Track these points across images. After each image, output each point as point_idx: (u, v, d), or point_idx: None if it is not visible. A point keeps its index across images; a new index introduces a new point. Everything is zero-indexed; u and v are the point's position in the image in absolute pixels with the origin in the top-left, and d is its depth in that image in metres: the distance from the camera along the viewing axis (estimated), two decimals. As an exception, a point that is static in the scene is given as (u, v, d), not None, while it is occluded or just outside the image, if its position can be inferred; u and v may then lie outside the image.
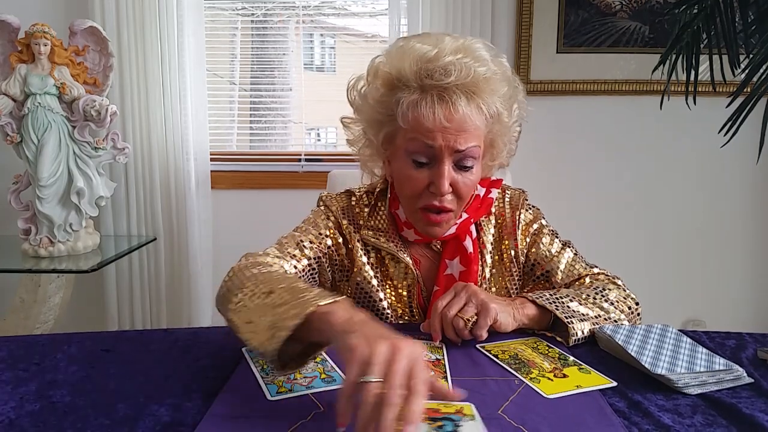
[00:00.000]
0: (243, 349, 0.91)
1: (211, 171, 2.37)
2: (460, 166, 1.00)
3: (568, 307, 0.98)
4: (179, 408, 0.74)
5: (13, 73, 1.90)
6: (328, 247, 1.11)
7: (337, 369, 0.84)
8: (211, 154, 2.37)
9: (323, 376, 0.82)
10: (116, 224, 2.29)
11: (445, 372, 0.84)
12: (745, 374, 0.82)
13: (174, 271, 2.34)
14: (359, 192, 1.17)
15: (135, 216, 2.28)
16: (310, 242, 1.09)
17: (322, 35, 2.60)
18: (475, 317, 0.91)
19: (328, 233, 1.11)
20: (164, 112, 2.24)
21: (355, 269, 1.11)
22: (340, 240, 1.12)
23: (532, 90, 2.30)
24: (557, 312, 0.95)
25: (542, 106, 2.33)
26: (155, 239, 2.28)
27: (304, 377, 0.81)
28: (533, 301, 0.98)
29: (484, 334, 0.91)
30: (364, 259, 1.11)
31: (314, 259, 1.08)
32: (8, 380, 0.83)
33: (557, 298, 0.99)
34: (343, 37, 2.57)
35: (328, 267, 1.11)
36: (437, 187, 0.98)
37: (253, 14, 2.47)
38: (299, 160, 2.45)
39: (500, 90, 1.00)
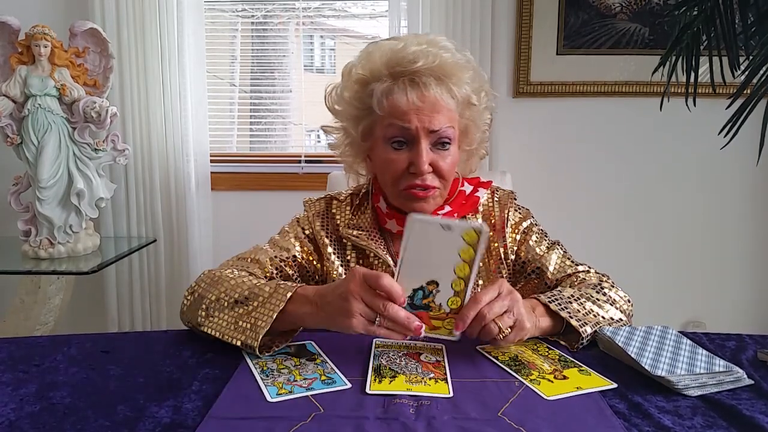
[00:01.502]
0: (243, 351, 0.91)
1: (211, 172, 2.37)
2: (438, 146, 1.04)
3: (586, 313, 0.97)
4: (179, 409, 0.74)
5: (14, 74, 1.90)
6: (296, 259, 1.13)
7: (337, 371, 0.84)
8: (211, 156, 2.37)
9: (323, 377, 0.82)
10: (116, 226, 2.29)
11: (445, 373, 0.84)
12: (745, 376, 0.82)
13: (174, 273, 2.34)
14: (343, 195, 1.20)
15: (135, 217, 2.28)
16: (271, 261, 1.11)
17: (322, 37, 2.60)
18: (508, 331, 0.87)
19: (297, 245, 1.14)
20: (164, 114, 2.24)
21: (331, 273, 1.13)
22: (311, 248, 1.15)
23: (532, 91, 2.30)
24: (577, 324, 0.93)
25: (542, 107, 2.33)
26: (155, 241, 2.28)
27: (304, 379, 0.82)
28: (548, 311, 0.96)
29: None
30: (336, 260, 1.14)
31: (275, 272, 1.11)
32: (8, 382, 0.83)
33: (568, 303, 0.97)
34: (343, 39, 2.57)
35: (297, 278, 1.14)
36: (417, 166, 1.02)
37: (253, 16, 2.47)
38: (299, 161, 2.45)
39: (466, 75, 1.05)
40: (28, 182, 1.98)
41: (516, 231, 1.16)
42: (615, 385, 0.80)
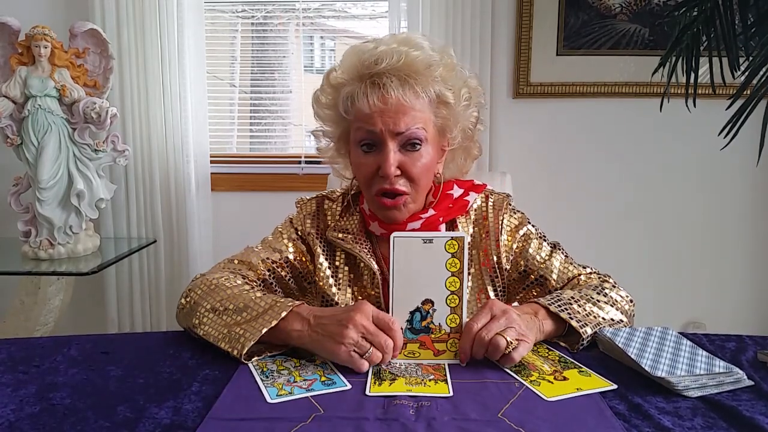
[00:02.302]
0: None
1: (211, 173, 2.37)
2: (407, 148, 1.02)
3: (586, 314, 0.97)
4: (179, 410, 0.74)
5: (14, 75, 1.90)
6: (288, 261, 1.13)
7: (337, 372, 0.84)
8: (211, 157, 2.37)
9: (323, 378, 0.82)
10: (116, 226, 2.28)
11: (445, 375, 0.84)
12: (745, 377, 0.82)
13: (174, 274, 2.34)
14: (335, 194, 1.20)
15: (135, 218, 2.28)
16: (263, 262, 1.11)
17: (322, 38, 2.60)
18: (516, 343, 0.85)
19: (290, 246, 1.14)
20: (164, 114, 2.24)
21: (318, 274, 1.13)
22: (304, 248, 1.15)
23: (532, 92, 2.30)
24: (578, 325, 0.93)
25: (542, 108, 2.33)
26: (155, 241, 2.28)
27: (304, 380, 0.82)
28: (549, 313, 0.95)
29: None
30: (324, 262, 1.13)
31: (268, 274, 1.11)
32: (8, 382, 0.83)
33: (569, 305, 0.97)
34: (344, 40, 2.57)
35: (290, 279, 1.14)
36: (383, 169, 1.01)
37: (253, 17, 2.47)
38: (299, 162, 2.45)
39: (435, 72, 1.03)
40: (28, 183, 1.98)
41: (512, 239, 1.13)
42: (615, 386, 0.80)
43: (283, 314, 0.89)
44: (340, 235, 1.12)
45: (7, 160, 2.08)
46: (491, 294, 1.12)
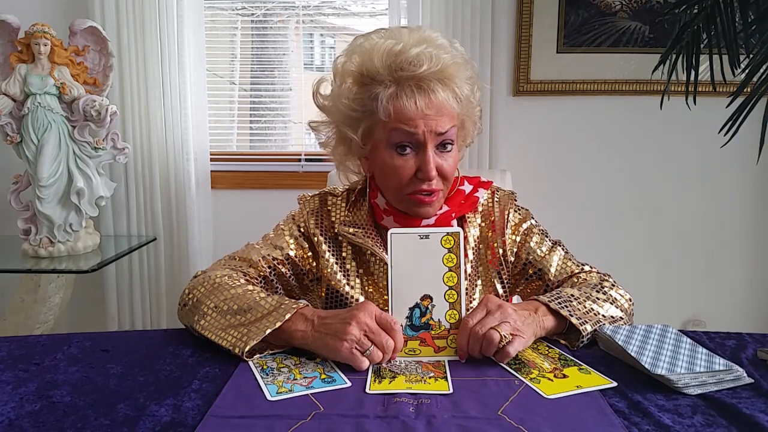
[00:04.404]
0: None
1: (211, 171, 2.37)
2: (440, 148, 1.04)
3: (586, 311, 0.97)
4: (179, 408, 0.74)
5: (13, 73, 1.90)
6: (290, 258, 1.13)
7: (336, 369, 0.84)
8: (211, 154, 2.37)
9: (323, 376, 0.82)
10: (116, 224, 2.28)
11: (445, 372, 0.84)
12: (745, 374, 0.82)
13: (174, 272, 2.34)
14: (338, 190, 1.20)
15: (135, 216, 2.28)
16: (264, 259, 1.10)
17: (322, 35, 2.60)
18: (510, 337, 0.86)
19: (292, 243, 1.14)
20: (164, 112, 2.24)
21: (324, 270, 1.13)
22: (306, 245, 1.14)
23: (532, 90, 2.30)
24: (578, 322, 0.93)
25: (542, 106, 2.33)
26: (155, 239, 2.28)
27: (304, 377, 0.82)
28: (549, 310, 0.96)
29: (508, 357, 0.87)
30: (331, 258, 1.13)
31: (269, 271, 1.10)
32: (8, 380, 0.83)
33: (569, 302, 0.97)
34: (343, 37, 2.56)
35: (291, 276, 1.13)
36: (425, 173, 1.01)
37: (253, 14, 2.47)
38: (299, 160, 2.45)
39: (465, 73, 1.05)
40: (28, 181, 1.97)
41: (516, 233, 1.15)
42: (615, 384, 0.80)
43: (288, 316, 0.89)
44: (351, 230, 1.12)
45: (6, 158, 2.08)
46: (498, 289, 1.13)
